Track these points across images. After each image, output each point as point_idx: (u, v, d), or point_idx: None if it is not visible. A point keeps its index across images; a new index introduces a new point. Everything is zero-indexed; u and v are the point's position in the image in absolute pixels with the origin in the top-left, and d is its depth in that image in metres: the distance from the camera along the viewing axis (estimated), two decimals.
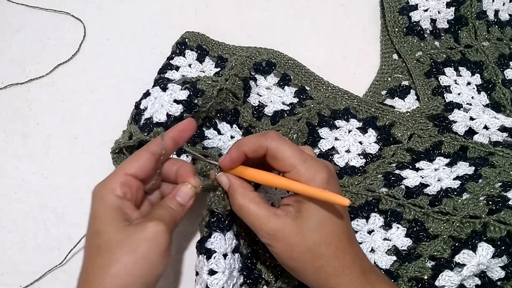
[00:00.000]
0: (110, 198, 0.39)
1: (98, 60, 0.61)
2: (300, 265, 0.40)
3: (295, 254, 0.39)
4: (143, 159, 0.41)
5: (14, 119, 0.57)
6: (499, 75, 0.58)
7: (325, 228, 0.40)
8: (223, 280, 0.42)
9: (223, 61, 0.58)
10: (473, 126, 0.54)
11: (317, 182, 0.40)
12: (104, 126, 0.57)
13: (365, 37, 0.63)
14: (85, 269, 0.38)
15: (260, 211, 0.40)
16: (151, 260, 0.37)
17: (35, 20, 0.64)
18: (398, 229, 0.47)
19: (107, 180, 0.40)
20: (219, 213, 0.43)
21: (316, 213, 0.40)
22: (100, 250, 0.37)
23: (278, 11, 0.65)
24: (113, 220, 0.38)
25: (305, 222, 0.39)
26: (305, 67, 0.59)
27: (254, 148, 0.42)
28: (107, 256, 0.36)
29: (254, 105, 0.56)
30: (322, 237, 0.40)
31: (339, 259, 0.40)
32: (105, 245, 0.37)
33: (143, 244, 0.37)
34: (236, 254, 0.44)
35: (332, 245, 0.40)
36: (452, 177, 0.50)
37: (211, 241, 0.42)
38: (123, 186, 0.39)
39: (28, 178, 0.54)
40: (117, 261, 0.36)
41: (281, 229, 0.39)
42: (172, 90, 0.49)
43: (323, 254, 0.39)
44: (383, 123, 0.55)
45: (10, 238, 0.52)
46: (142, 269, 0.36)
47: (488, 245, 0.44)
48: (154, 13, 0.65)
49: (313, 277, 0.40)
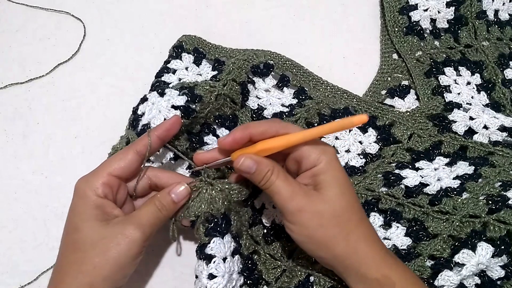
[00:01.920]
0: (91, 197, 0.40)
1: (98, 60, 0.61)
2: (330, 233, 0.40)
3: (325, 221, 0.40)
4: (128, 160, 0.42)
5: (14, 119, 0.57)
6: (499, 74, 0.58)
7: (346, 196, 0.41)
8: (223, 284, 0.42)
9: (220, 64, 0.58)
10: (473, 126, 0.54)
11: (329, 154, 0.41)
12: (104, 126, 0.57)
13: (365, 37, 0.63)
14: (59, 262, 0.40)
15: (288, 187, 0.40)
16: (121, 263, 0.39)
17: (35, 20, 0.64)
18: (397, 228, 0.47)
19: (90, 177, 0.41)
20: (215, 218, 0.43)
21: (334, 183, 0.41)
22: (75, 247, 0.39)
23: (278, 11, 0.65)
24: (91, 218, 0.40)
25: (327, 191, 0.40)
26: (303, 67, 0.59)
27: (261, 130, 0.42)
28: (80, 254, 0.39)
29: (253, 108, 0.56)
30: (346, 203, 0.41)
31: (364, 226, 0.41)
32: (80, 243, 0.39)
33: (114, 249, 0.39)
34: (236, 256, 0.44)
35: (356, 211, 0.41)
36: (452, 177, 0.50)
37: (211, 247, 0.42)
38: (105, 186, 0.41)
39: (28, 178, 0.54)
40: (89, 261, 0.38)
41: (308, 200, 0.40)
42: (170, 96, 0.49)
43: (350, 219, 0.41)
44: (383, 122, 0.55)
45: (10, 238, 0.52)
46: (111, 271, 0.39)
47: (488, 245, 0.44)
48: (154, 13, 0.65)
49: (343, 244, 0.40)
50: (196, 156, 0.45)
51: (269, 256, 0.48)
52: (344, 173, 0.42)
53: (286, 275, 0.47)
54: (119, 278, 0.40)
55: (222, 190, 0.43)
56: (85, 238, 0.39)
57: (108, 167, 0.42)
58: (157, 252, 0.50)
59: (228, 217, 0.44)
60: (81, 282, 0.38)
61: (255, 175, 0.41)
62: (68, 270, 0.39)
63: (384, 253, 0.41)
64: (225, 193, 0.43)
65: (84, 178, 0.42)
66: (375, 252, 0.41)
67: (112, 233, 0.39)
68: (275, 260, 0.48)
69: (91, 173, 0.42)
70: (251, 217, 0.49)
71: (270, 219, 0.50)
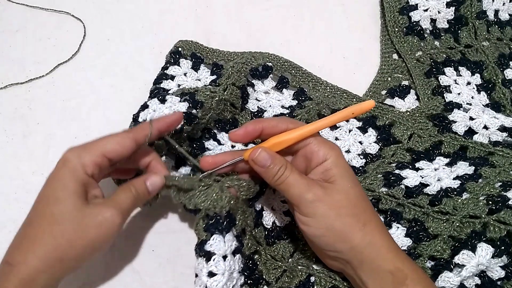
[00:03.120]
0: (80, 174, 0.40)
1: (98, 60, 0.61)
2: (348, 222, 0.40)
3: (343, 210, 0.40)
4: (125, 147, 0.42)
5: (14, 119, 0.57)
6: (499, 75, 0.58)
7: (357, 188, 0.42)
8: (223, 282, 0.41)
9: (219, 68, 0.57)
10: (473, 126, 0.54)
11: (337, 150, 0.42)
12: (104, 126, 0.57)
13: (365, 37, 0.63)
14: (29, 229, 0.39)
15: (302, 180, 0.41)
16: (96, 244, 0.39)
17: (35, 20, 0.64)
18: (398, 229, 0.47)
19: (83, 152, 0.40)
20: (217, 215, 0.42)
21: (346, 175, 0.42)
22: (53, 218, 0.39)
23: (278, 11, 0.65)
24: (74, 194, 0.39)
25: (341, 183, 0.41)
26: (302, 68, 0.59)
27: (273, 124, 0.43)
28: (57, 227, 0.38)
29: (253, 111, 0.56)
30: (360, 194, 0.42)
31: (377, 218, 0.42)
32: (59, 215, 0.38)
33: (94, 230, 0.39)
34: (237, 256, 0.44)
35: (369, 203, 0.42)
36: (452, 177, 0.50)
37: (210, 243, 0.42)
38: (95, 166, 0.40)
39: (28, 178, 0.54)
40: (65, 236, 0.38)
41: (325, 191, 0.40)
42: (171, 103, 0.49)
43: (366, 210, 0.41)
44: (383, 122, 0.55)
45: (10, 238, 0.51)
46: (85, 250, 0.39)
47: (488, 246, 0.43)
48: (154, 13, 0.65)
49: (360, 235, 0.40)
50: (204, 159, 0.44)
51: (270, 257, 0.48)
52: (351, 169, 0.43)
53: (286, 275, 0.47)
54: (86, 259, 0.40)
55: (231, 187, 0.43)
56: (65, 212, 0.38)
57: (102, 147, 0.41)
58: (157, 252, 0.50)
59: (233, 216, 0.43)
60: (52, 255, 0.38)
61: (269, 169, 0.41)
62: (40, 240, 0.38)
63: (396, 246, 0.42)
64: (233, 190, 0.43)
65: (76, 150, 0.40)
66: (390, 243, 0.41)
67: (92, 214, 0.39)
68: (275, 261, 0.48)
69: (83, 146, 0.41)
70: (254, 218, 0.49)
71: (270, 221, 0.50)
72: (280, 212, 0.50)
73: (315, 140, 0.42)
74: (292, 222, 0.50)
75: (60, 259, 0.38)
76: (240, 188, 0.44)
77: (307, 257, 0.48)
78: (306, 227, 0.41)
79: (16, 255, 0.39)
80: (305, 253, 0.48)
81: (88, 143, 0.41)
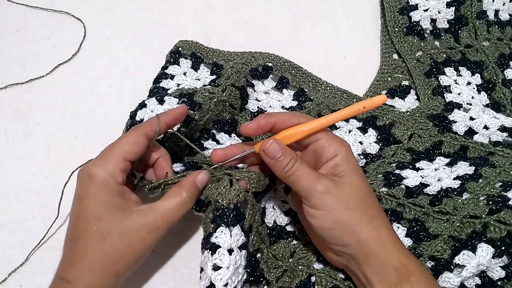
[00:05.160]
0: (113, 185, 0.40)
1: (98, 60, 0.61)
2: (356, 215, 0.40)
3: (351, 203, 0.40)
4: (141, 144, 0.42)
5: (14, 119, 0.57)
6: (499, 75, 0.58)
7: (366, 183, 0.43)
8: (227, 275, 0.41)
9: (219, 68, 0.57)
10: (473, 126, 0.54)
11: (346, 146, 0.43)
12: (104, 126, 0.57)
13: (365, 37, 0.63)
14: (82, 250, 0.39)
15: (312, 172, 0.41)
16: (144, 255, 0.41)
17: (35, 20, 0.64)
18: (398, 229, 0.47)
19: (107, 163, 0.40)
20: (224, 208, 0.42)
21: (355, 170, 0.42)
22: (101, 236, 0.39)
23: (278, 11, 0.65)
24: (115, 207, 0.40)
25: (350, 177, 0.41)
26: (302, 68, 0.59)
27: (285, 118, 0.43)
28: (107, 244, 0.39)
29: (253, 111, 0.56)
30: (368, 189, 0.42)
31: (384, 214, 0.43)
32: (105, 232, 0.39)
33: (140, 243, 0.40)
34: (243, 251, 0.44)
35: (376, 199, 0.43)
36: (452, 177, 0.50)
37: (216, 235, 0.42)
38: (123, 172, 0.41)
39: (28, 178, 0.54)
40: (117, 251, 0.39)
41: (334, 184, 0.41)
42: (169, 104, 0.49)
43: (373, 205, 0.42)
44: (383, 122, 0.55)
45: (10, 238, 0.52)
46: (135, 261, 0.41)
47: (488, 246, 0.43)
48: (154, 13, 0.65)
49: (368, 228, 0.40)
50: (214, 151, 0.45)
51: (271, 256, 0.48)
52: (359, 165, 0.44)
53: (287, 275, 0.47)
54: (137, 266, 0.42)
55: (240, 179, 0.43)
56: (111, 228, 0.39)
57: (121, 151, 0.41)
58: (157, 252, 0.50)
59: (242, 210, 0.43)
60: (109, 272, 0.39)
61: (279, 161, 0.41)
62: (91, 258, 0.39)
63: (401, 243, 0.42)
64: (243, 182, 0.43)
65: (97, 163, 0.40)
66: (396, 239, 0.41)
67: (136, 225, 0.40)
68: (276, 260, 0.48)
69: (102, 158, 0.41)
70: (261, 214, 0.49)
71: (272, 219, 0.50)
72: (281, 212, 0.50)
73: (326, 135, 0.43)
74: (293, 222, 0.50)
75: (115, 273, 0.40)
76: (250, 181, 0.44)
77: (308, 257, 0.48)
78: (315, 220, 0.41)
79: (73, 272, 0.39)
80: (306, 253, 0.48)
81: (104, 153, 0.41)
